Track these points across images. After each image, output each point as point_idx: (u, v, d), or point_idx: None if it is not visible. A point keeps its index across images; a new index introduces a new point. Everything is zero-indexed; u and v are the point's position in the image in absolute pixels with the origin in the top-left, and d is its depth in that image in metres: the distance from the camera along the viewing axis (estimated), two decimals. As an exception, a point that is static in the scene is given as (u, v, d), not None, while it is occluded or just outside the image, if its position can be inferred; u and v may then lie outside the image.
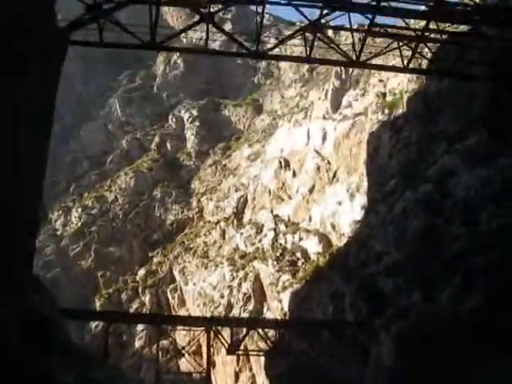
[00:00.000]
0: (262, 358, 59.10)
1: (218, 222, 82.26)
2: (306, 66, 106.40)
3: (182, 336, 68.11)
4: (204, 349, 72.37)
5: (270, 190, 77.56)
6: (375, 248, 45.21)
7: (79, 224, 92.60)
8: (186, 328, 44.48)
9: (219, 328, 40.05)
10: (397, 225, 42.64)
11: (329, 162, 70.65)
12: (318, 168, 71.11)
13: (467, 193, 37.94)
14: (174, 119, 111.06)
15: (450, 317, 31.57)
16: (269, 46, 37.52)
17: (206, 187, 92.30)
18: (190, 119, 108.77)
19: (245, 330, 41.91)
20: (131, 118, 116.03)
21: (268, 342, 41.44)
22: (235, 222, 79.57)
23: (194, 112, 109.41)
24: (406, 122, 55.13)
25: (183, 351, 50.07)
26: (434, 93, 50.60)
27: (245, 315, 63.03)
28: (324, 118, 76.07)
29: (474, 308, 30.41)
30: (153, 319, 40.98)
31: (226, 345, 39.04)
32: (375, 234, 46.37)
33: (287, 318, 56.86)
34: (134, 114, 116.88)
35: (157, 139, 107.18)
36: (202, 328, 39.36)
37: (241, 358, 64.74)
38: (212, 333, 38.50)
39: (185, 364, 66.25)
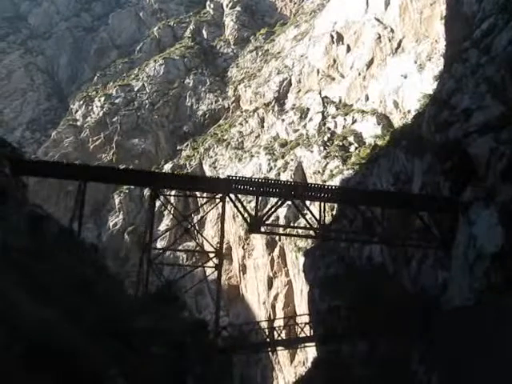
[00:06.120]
0: (302, 260, 48.00)
1: (256, 110, 70.04)
2: None
3: (209, 238, 58.38)
4: (235, 252, 62.24)
5: (318, 70, 64.60)
6: (461, 105, 32.44)
7: (101, 114, 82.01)
8: (205, 195, 33.14)
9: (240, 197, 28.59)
10: (498, 65, 29.70)
11: (392, 30, 57.16)
12: (379, 38, 57.73)
13: None
14: (211, 5, 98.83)
15: None
16: None
17: (244, 74, 79.67)
18: (231, 4, 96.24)
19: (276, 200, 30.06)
20: (164, 5, 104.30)
21: (310, 220, 29.57)
22: (276, 107, 67.26)
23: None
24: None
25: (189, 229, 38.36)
26: None
27: (283, 209, 50.62)
28: (388, -21, 61.86)
29: None
30: (153, 178, 29.52)
31: (249, 218, 27.62)
32: (461, 87, 33.52)
33: (335, 209, 44.46)
34: (168, 1, 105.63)
35: (192, 26, 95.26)
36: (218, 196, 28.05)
37: (275, 260, 54.04)
38: (229, 201, 27.09)
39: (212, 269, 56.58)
